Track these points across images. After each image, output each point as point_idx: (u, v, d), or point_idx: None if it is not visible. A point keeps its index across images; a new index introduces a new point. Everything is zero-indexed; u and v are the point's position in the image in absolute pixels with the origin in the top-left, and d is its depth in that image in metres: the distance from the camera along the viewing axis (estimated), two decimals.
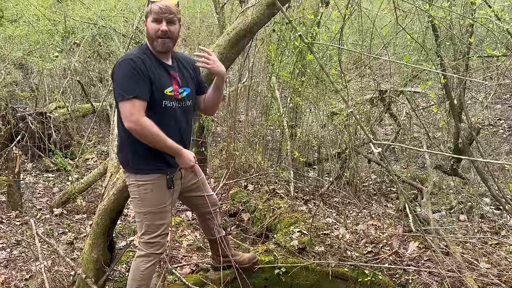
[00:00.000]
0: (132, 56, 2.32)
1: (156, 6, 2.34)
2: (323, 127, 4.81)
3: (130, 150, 2.47)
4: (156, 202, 2.51)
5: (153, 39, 2.37)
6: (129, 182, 2.55)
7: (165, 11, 2.35)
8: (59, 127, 5.83)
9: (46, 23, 6.23)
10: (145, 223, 2.54)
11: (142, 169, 2.48)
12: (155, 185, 2.49)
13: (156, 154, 2.44)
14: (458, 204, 4.70)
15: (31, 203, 4.77)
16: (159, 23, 2.35)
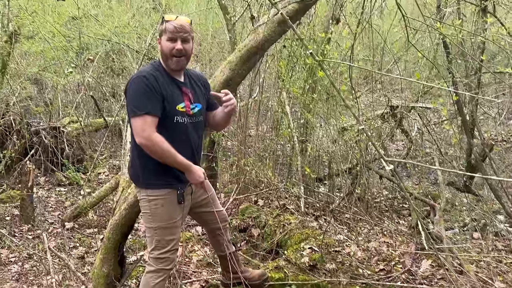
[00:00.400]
0: (145, 73, 2.36)
1: (171, 26, 2.39)
2: (334, 142, 4.80)
3: (141, 165, 2.49)
4: (166, 217, 2.52)
5: (168, 57, 2.41)
6: (140, 197, 2.57)
7: (180, 30, 2.39)
8: (72, 141, 5.90)
9: (61, 40, 6.36)
10: (155, 238, 2.55)
11: (152, 184, 2.50)
12: (166, 200, 2.50)
13: (166, 170, 2.46)
14: (471, 222, 4.62)
15: (43, 216, 4.81)
16: (174, 42, 2.39)
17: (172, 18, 2.41)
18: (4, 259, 3.81)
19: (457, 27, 2.40)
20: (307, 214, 4.58)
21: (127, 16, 6.72)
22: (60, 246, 4.13)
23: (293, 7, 3.08)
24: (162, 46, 2.42)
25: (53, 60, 6.51)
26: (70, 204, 5.16)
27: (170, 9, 6.91)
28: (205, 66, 7.07)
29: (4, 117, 5.51)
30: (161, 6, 6.16)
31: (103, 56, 7.02)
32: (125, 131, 5.62)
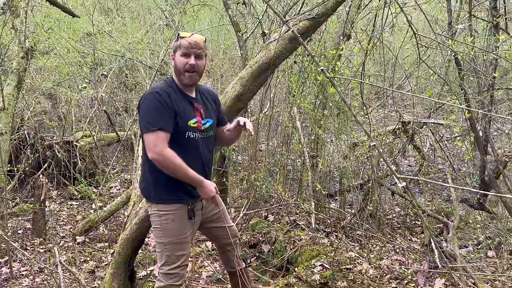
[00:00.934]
0: (157, 90, 2.40)
1: (185, 41, 2.43)
2: (345, 158, 4.77)
3: (153, 180, 2.51)
4: (177, 233, 2.53)
5: (181, 72, 2.45)
6: (151, 212, 2.57)
7: (194, 46, 2.43)
8: (84, 155, 5.97)
9: (75, 55, 6.49)
10: (165, 254, 2.54)
11: (163, 199, 2.51)
12: (177, 215, 2.51)
13: (178, 185, 2.48)
14: (485, 240, 4.54)
15: (55, 230, 4.84)
16: (188, 57, 2.43)
17: (187, 35, 2.46)
18: (15, 272, 3.83)
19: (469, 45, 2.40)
20: (318, 230, 4.55)
21: (140, 33, 6.83)
22: (71, 260, 4.14)
23: (304, 24, 3.11)
24: (176, 62, 2.47)
25: (67, 75, 6.63)
26: (81, 218, 5.19)
27: (183, 26, 7.01)
28: (216, 81, 7.13)
29: (19, 131, 5.60)
30: (174, 23, 6.25)
31: (116, 71, 7.13)
32: (137, 145, 5.67)
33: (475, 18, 3.76)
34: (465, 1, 4.07)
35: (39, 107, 6.96)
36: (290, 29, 1.87)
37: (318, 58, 4.41)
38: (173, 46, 2.50)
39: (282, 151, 5.75)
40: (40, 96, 6.89)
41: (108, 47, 6.67)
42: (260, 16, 4.52)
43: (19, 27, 4.79)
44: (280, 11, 4.53)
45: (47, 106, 8.14)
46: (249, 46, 5.77)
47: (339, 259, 3.72)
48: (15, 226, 4.83)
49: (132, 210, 3.31)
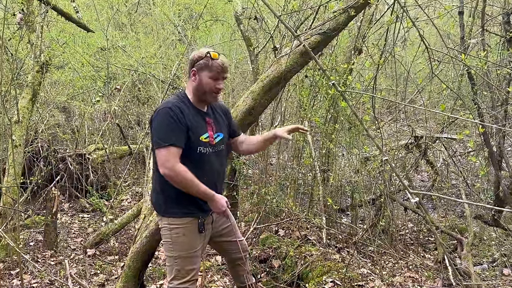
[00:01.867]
0: (170, 105, 2.40)
1: (217, 65, 2.41)
2: (357, 172, 4.73)
3: (164, 194, 2.52)
4: (187, 247, 2.52)
5: (206, 92, 2.45)
6: (162, 225, 2.58)
7: (224, 70, 2.44)
8: (96, 168, 6.02)
9: (89, 70, 6.59)
10: (175, 268, 2.53)
11: (174, 212, 2.51)
12: (187, 229, 2.51)
13: (188, 199, 2.48)
14: (501, 257, 4.43)
15: (66, 242, 4.86)
16: (217, 80, 2.43)
17: (217, 56, 2.43)
18: (26, 284, 3.84)
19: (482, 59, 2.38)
20: (329, 245, 4.49)
21: (153, 48, 6.93)
22: (81, 273, 4.14)
23: (315, 39, 3.12)
24: (202, 81, 2.43)
25: (81, 89, 6.73)
26: (92, 230, 5.21)
27: (195, 41, 7.09)
28: (228, 95, 7.18)
29: (33, 143, 5.67)
30: (186, 38, 6.33)
31: (129, 85, 7.22)
32: (149, 158, 5.70)
33: (488, 32, 3.74)
34: (478, 15, 4.06)
35: (53, 120, 7.07)
36: (302, 44, 1.87)
37: (329, 72, 4.41)
38: (200, 63, 2.42)
39: (293, 164, 5.72)
40: (54, 110, 6.99)
41: (121, 61, 6.76)
42: (272, 31, 4.55)
43: (34, 42, 4.89)
44: (292, 26, 4.56)
45: (61, 119, 8.26)
46: (260, 60, 5.81)
47: (351, 275, 3.66)
48: (27, 238, 4.87)
49: (143, 223, 3.31)
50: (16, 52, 4.70)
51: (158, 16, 7.83)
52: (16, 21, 4.93)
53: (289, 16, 4.77)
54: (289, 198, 5.10)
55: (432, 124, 7.04)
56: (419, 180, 7.56)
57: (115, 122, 6.67)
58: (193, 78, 2.45)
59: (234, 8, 5.04)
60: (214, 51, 2.44)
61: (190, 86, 2.49)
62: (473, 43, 3.30)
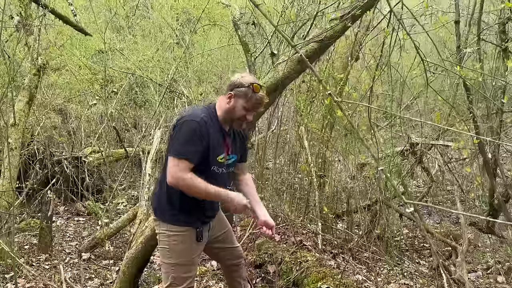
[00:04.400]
0: (198, 118, 2.35)
1: (256, 98, 2.40)
2: (352, 178, 4.75)
3: (168, 200, 2.50)
4: (185, 254, 2.52)
5: (234, 119, 2.44)
6: (160, 231, 2.56)
7: (261, 105, 2.44)
8: (92, 171, 6.00)
9: (87, 72, 6.58)
10: (171, 275, 2.53)
11: (176, 220, 2.50)
12: (185, 236, 2.50)
13: (192, 209, 2.49)
14: (495, 264, 4.46)
15: (61, 246, 4.84)
16: (249, 112, 2.42)
17: (258, 89, 2.40)
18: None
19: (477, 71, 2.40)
20: (324, 251, 4.49)
21: (151, 51, 6.93)
22: (76, 277, 4.13)
23: (312, 47, 3.14)
24: (235, 108, 2.40)
25: (78, 92, 6.72)
26: (87, 234, 5.20)
27: (193, 45, 7.10)
28: None
29: (29, 146, 5.66)
30: (184, 41, 6.34)
31: (126, 89, 7.22)
32: (145, 162, 5.70)
33: (484, 41, 3.77)
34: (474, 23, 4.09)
35: (49, 122, 7.05)
36: (298, 53, 1.88)
37: (326, 79, 4.43)
38: (240, 90, 2.39)
39: (289, 170, 5.73)
40: (50, 112, 6.98)
41: (119, 64, 6.76)
42: (269, 36, 4.56)
43: (32, 45, 4.88)
44: (289, 33, 4.58)
45: (57, 121, 8.24)
46: (258, 64, 5.82)
47: (346, 282, 3.67)
48: (21, 241, 4.85)
49: (138, 229, 3.31)
50: (14, 55, 4.69)
51: (156, 19, 7.84)
52: (13, 23, 4.92)
53: (287, 23, 4.79)
54: (285, 203, 5.11)
55: (428, 129, 7.09)
56: (415, 185, 7.59)
57: (112, 125, 6.66)
58: (228, 100, 2.41)
59: (232, 13, 5.05)
60: (257, 83, 2.41)
61: (222, 104, 2.44)
62: (469, 53, 3.33)
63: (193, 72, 6.92)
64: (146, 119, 7.51)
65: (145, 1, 8.05)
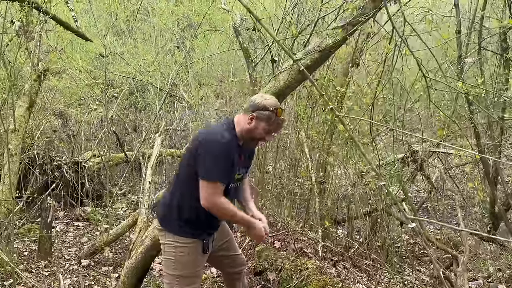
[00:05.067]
0: (226, 140, 2.36)
1: (278, 122, 2.45)
2: (353, 186, 4.74)
3: (180, 212, 2.50)
4: (190, 266, 2.53)
5: (253, 138, 2.46)
6: (165, 242, 2.54)
7: (281, 128, 2.52)
8: (92, 176, 5.99)
9: (87, 76, 6.58)
10: (176, 286, 2.53)
11: (184, 231, 2.50)
12: (192, 248, 2.51)
13: (202, 223, 2.51)
14: (496, 272, 4.44)
15: (60, 252, 4.83)
16: (269, 135, 2.47)
17: (280, 113, 2.45)
18: None
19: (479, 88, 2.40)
20: (325, 259, 4.48)
21: (151, 55, 6.92)
22: (76, 284, 4.12)
23: (313, 56, 3.13)
24: (256, 130, 2.42)
25: (78, 96, 6.71)
26: (87, 240, 5.18)
27: (193, 50, 7.10)
28: (225, 104, 7.19)
29: (29, 151, 5.65)
30: (184, 46, 6.34)
31: (127, 93, 7.21)
32: (145, 166, 5.68)
33: (485, 50, 3.77)
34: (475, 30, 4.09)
35: (49, 126, 7.04)
36: (300, 68, 1.88)
37: (326, 84, 4.43)
38: (263, 113, 2.41)
39: (289, 175, 5.72)
40: (50, 116, 6.97)
41: (119, 68, 6.76)
42: (270, 43, 4.56)
43: (32, 50, 4.88)
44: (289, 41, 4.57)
45: (57, 124, 8.23)
46: (258, 69, 5.81)
47: None
48: (21, 247, 4.83)
49: (138, 237, 3.30)
50: (15, 60, 4.68)
51: (156, 23, 7.84)
52: (14, 29, 4.91)
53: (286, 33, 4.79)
54: (286, 210, 5.09)
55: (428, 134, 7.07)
56: (415, 191, 7.58)
57: (112, 129, 6.65)
58: (249, 121, 2.42)
59: (233, 19, 5.04)
60: (280, 107, 2.45)
61: (242, 123, 2.45)
62: (470, 62, 3.33)
63: (193, 77, 6.91)
64: (146, 123, 7.50)
65: (146, 6, 8.04)
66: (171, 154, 6.79)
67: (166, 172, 6.57)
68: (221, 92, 7.66)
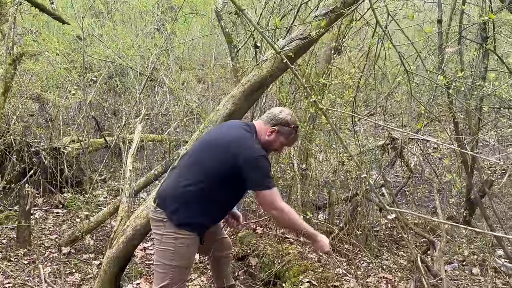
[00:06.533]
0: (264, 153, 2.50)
1: (295, 138, 2.69)
2: (334, 172, 4.80)
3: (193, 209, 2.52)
4: (188, 256, 2.57)
5: (270, 148, 2.65)
6: (164, 232, 2.53)
7: (294, 143, 2.79)
8: (71, 162, 5.88)
9: (65, 60, 6.40)
10: (170, 276, 2.55)
11: (188, 224, 2.52)
12: (191, 240, 2.54)
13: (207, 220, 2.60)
14: (470, 255, 4.59)
15: (40, 240, 4.77)
16: (285, 147, 2.70)
17: (298, 129, 2.68)
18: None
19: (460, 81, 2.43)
20: (306, 244, 4.55)
21: (130, 38, 6.77)
22: (56, 272, 4.08)
23: (297, 44, 3.11)
24: (275, 142, 2.62)
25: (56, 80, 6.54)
26: (67, 227, 5.13)
27: (174, 33, 6.96)
28: (207, 90, 7.12)
29: (5, 136, 5.50)
30: (165, 30, 6.21)
31: (106, 77, 7.06)
32: (125, 153, 5.61)
33: (465, 39, 3.81)
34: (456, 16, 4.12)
35: (26, 110, 6.86)
36: (284, 60, 1.86)
37: (309, 74, 4.42)
38: (284, 129, 2.60)
39: (271, 162, 5.73)
40: (27, 100, 6.79)
41: (98, 52, 6.59)
42: (253, 28, 4.51)
43: (7, 33, 4.70)
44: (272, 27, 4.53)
45: (34, 109, 8.03)
46: (241, 53, 5.75)
47: (327, 276, 3.73)
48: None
49: (119, 226, 3.28)
50: None
51: (136, 5, 7.64)
52: None
53: (270, 14, 4.74)
54: None
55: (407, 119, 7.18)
56: (394, 175, 7.71)
57: (91, 114, 6.53)
58: (270, 133, 2.60)
59: (215, 2, 4.97)
60: (299, 125, 2.68)
61: (263, 134, 2.60)
62: (450, 52, 3.37)
63: (174, 61, 6.80)
64: (126, 108, 7.38)
65: None
66: (152, 140, 6.71)
67: (147, 158, 6.50)
68: (203, 77, 7.57)
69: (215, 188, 2.50)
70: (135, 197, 5.11)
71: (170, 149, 5.78)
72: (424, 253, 4.19)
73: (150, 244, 4.77)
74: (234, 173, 2.46)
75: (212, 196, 2.50)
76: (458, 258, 4.70)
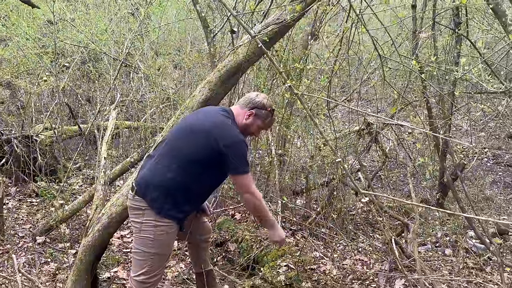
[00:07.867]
0: (242, 138, 2.56)
1: (271, 121, 2.73)
2: (311, 158, 4.84)
3: (175, 197, 2.51)
4: (167, 244, 2.57)
5: (247, 132, 2.68)
6: (143, 221, 2.52)
7: (271, 127, 2.86)
8: (45, 150, 5.75)
9: (35, 46, 6.20)
10: (149, 263, 2.54)
11: (170, 215, 2.52)
12: (172, 227, 2.54)
13: (189, 209, 2.62)
14: (443, 237, 4.73)
15: (13, 230, 4.67)
16: (260, 131, 2.74)
17: (274, 113, 2.73)
18: None
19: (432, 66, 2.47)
20: (284, 228, 4.60)
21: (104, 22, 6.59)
22: (31, 262, 4.02)
23: (273, 29, 3.10)
24: (252, 125, 2.65)
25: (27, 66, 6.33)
26: (41, 216, 5.03)
27: (149, 17, 6.81)
28: (183, 75, 7.03)
29: None
30: (139, 14, 6.07)
31: (78, 63, 6.88)
32: (100, 138, 5.51)
33: (439, 25, 3.86)
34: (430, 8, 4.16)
35: None
36: (259, 45, 1.85)
37: (286, 59, 4.42)
38: (261, 112, 2.64)
39: (249, 148, 5.74)
40: None
41: (70, 37, 6.40)
42: (229, 12, 4.45)
43: None
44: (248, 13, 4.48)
45: (5, 96, 7.78)
46: (218, 38, 5.68)
47: (304, 259, 3.79)
48: None
49: (95, 215, 3.24)
50: None
51: None
52: None
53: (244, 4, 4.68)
54: None
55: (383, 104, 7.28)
56: (370, 160, 7.84)
57: (64, 101, 6.37)
58: (247, 116, 2.63)
59: None
60: (275, 109, 2.72)
61: (241, 118, 2.63)
62: (424, 37, 3.41)
63: (149, 46, 6.68)
64: (101, 94, 7.23)
65: None
66: (128, 127, 6.61)
67: (123, 145, 6.41)
68: (179, 63, 7.47)
69: (194, 174, 2.50)
70: (111, 185, 5.04)
71: (146, 136, 5.71)
72: (398, 235, 4.29)
73: (128, 232, 4.73)
74: (214, 159, 2.46)
75: (192, 183, 2.50)
76: (431, 239, 4.84)
